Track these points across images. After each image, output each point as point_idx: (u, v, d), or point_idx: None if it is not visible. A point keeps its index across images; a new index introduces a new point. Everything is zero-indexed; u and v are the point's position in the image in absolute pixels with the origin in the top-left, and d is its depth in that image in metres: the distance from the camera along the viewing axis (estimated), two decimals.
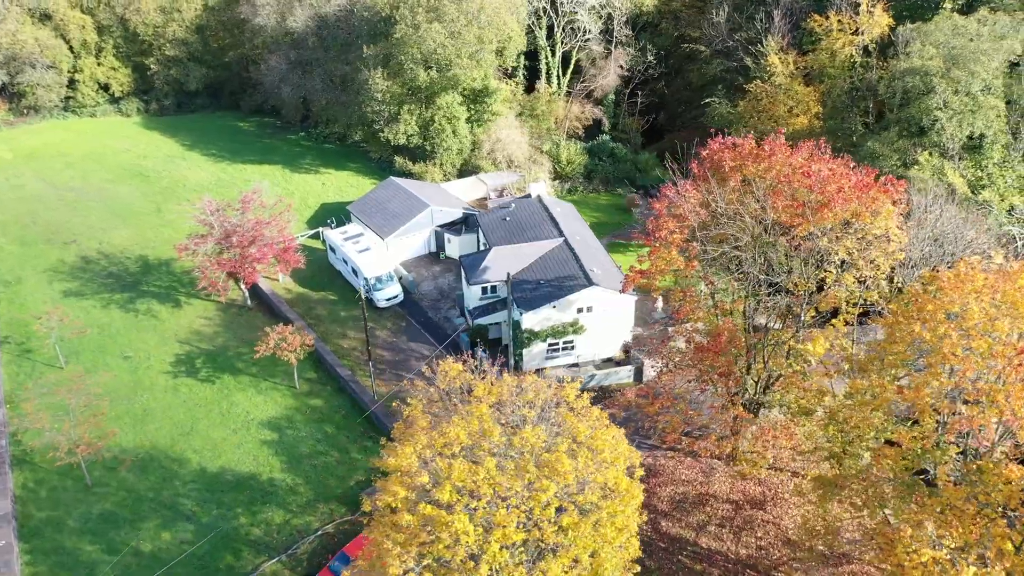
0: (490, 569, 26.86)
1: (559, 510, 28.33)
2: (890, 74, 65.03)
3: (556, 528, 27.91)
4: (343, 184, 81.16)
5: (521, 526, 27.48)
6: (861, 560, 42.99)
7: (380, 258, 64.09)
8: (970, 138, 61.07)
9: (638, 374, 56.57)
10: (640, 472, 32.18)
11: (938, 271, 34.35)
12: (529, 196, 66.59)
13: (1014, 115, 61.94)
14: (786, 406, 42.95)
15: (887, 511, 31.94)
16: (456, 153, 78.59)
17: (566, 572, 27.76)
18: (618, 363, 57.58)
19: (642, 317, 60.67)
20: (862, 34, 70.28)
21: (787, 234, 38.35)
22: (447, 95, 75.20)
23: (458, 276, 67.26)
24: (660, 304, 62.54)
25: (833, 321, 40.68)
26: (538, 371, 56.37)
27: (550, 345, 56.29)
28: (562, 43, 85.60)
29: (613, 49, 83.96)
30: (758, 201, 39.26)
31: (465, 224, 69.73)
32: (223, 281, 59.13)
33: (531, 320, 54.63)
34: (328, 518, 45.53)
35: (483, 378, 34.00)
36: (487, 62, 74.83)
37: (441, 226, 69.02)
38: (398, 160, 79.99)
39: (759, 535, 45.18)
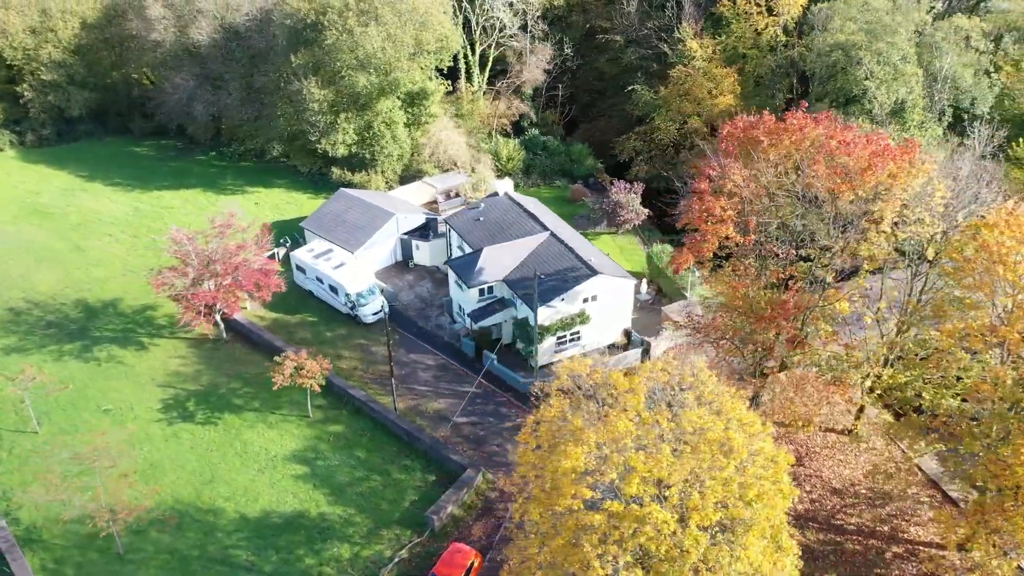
0: (698, 555, 26.89)
1: (740, 485, 28.75)
2: (816, 50, 69.82)
3: (744, 503, 28.33)
4: (278, 202, 77.06)
5: (716, 505, 27.68)
6: (904, 498, 46.36)
7: (359, 272, 61.58)
8: (895, 104, 66.77)
9: (645, 355, 57.79)
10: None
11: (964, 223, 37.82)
12: (496, 194, 66.13)
13: (928, 81, 68.35)
14: (818, 365, 45.36)
15: (985, 442, 34.69)
16: (397, 159, 76.66)
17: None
18: (622, 348, 58.56)
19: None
20: (780, 15, 74.98)
21: (830, 201, 40.48)
22: (386, 100, 73.15)
23: (438, 282, 65.88)
24: (644, 287, 64.14)
25: (855, 279, 43.67)
26: (546, 366, 56.40)
27: (558, 338, 56.41)
28: (480, 41, 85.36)
29: (529, 44, 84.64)
30: (798, 172, 41.25)
31: (428, 229, 68.30)
32: (204, 314, 54.74)
33: (542, 315, 54.46)
34: (397, 544, 43.50)
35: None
36: (426, 64, 73.46)
37: (406, 234, 67.21)
38: (335, 171, 76.95)
39: (807, 489, 47.62)
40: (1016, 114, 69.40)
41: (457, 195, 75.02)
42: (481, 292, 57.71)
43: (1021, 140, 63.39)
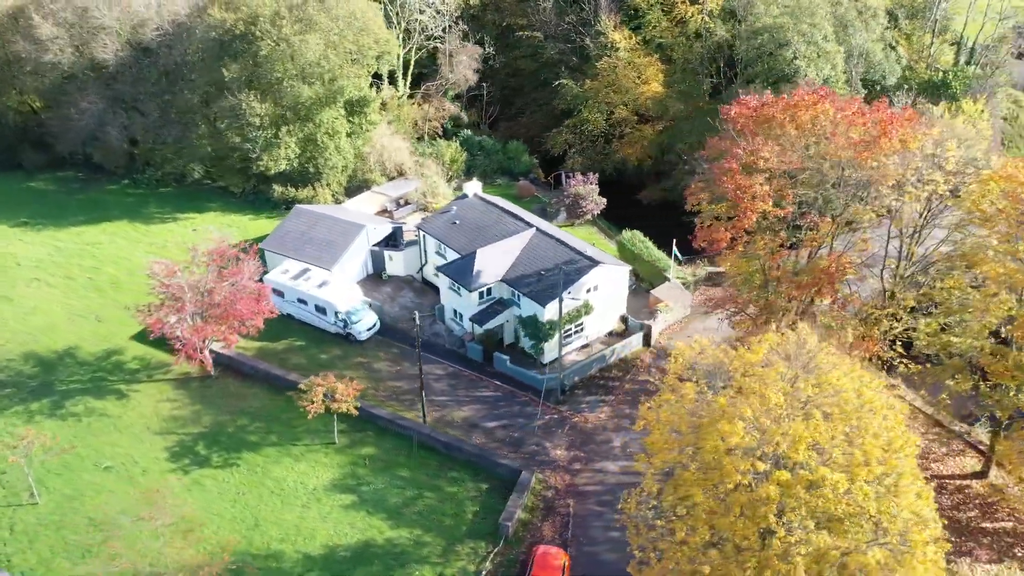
0: (875, 508, 28.10)
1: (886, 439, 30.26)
2: (744, 35, 73.75)
3: (892, 453, 29.86)
4: (217, 226, 72.11)
5: (876, 460, 29.05)
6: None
7: (346, 289, 59.09)
8: (823, 81, 71.72)
9: (647, 339, 59.10)
10: None
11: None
12: (466, 196, 65.29)
13: (843, 57, 73.89)
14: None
15: None
16: (341, 171, 73.97)
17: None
18: (620, 335, 59.59)
19: None
20: (703, 3, 78.49)
21: (854, 168, 43.14)
22: (329, 110, 70.40)
23: (417, 292, 64.31)
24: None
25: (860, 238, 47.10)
26: (553, 361, 56.56)
27: (564, 331, 56.60)
28: (402, 44, 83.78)
29: (456, 45, 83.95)
30: (818, 143, 43.67)
31: (395, 239, 66.54)
32: (202, 351, 50.80)
33: (551, 310, 54.50)
34: (476, 556, 42.33)
35: None
36: (367, 70, 71.27)
37: (376, 245, 65.14)
38: (277, 188, 73.19)
39: None
40: (919, 82, 76.40)
41: (407, 203, 73.42)
42: (481, 295, 56.95)
43: (941, 103, 70.09)
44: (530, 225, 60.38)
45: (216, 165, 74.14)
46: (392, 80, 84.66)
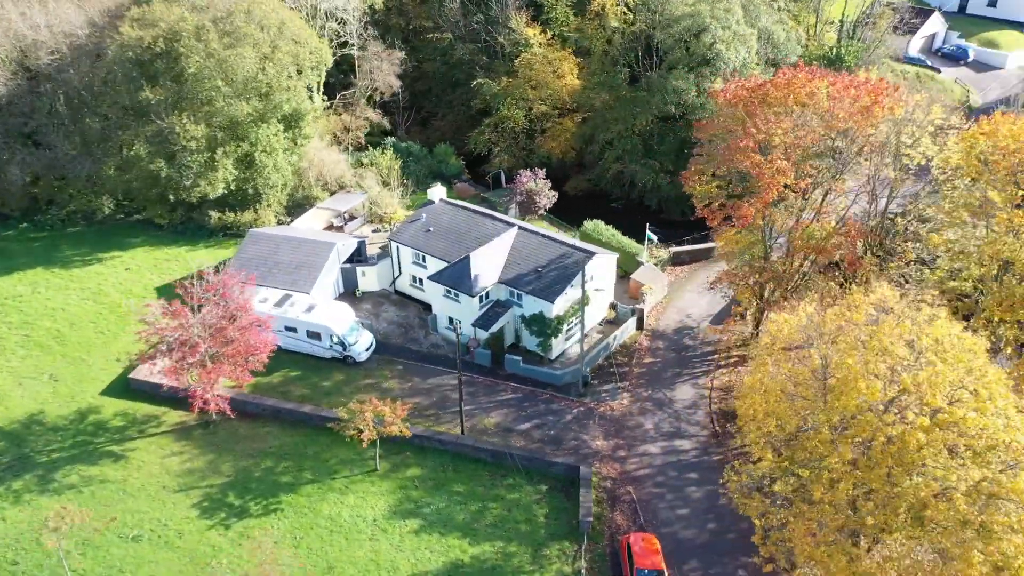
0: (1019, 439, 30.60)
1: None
2: (663, 23, 76.77)
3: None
4: (153, 262, 66.18)
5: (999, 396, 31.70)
6: None
7: (338, 311, 56.29)
8: (743, 64, 76.12)
9: (640, 323, 60.55)
10: None
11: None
12: (432, 202, 63.88)
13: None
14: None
15: None
16: (281, 189, 70.12)
17: None
18: (612, 322, 60.67)
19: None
20: None
21: (853, 136, 46.43)
22: (268, 126, 66.49)
23: (397, 305, 62.24)
24: None
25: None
26: (559, 355, 56.95)
27: (567, 324, 56.96)
28: None
29: (376, 51, 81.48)
30: (821, 116, 46.59)
31: (360, 254, 64.19)
32: (214, 392, 46.76)
33: (559, 306, 54.72)
34: (567, 557, 41.94)
35: None
36: (304, 82, 67.82)
37: (346, 262, 62.49)
38: (213, 215, 68.23)
39: None
40: (816, 58, 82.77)
41: (353, 217, 70.74)
42: (481, 299, 56.14)
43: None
44: (510, 224, 60.11)
45: (135, 197, 68.01)
46: (310, 91, 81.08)
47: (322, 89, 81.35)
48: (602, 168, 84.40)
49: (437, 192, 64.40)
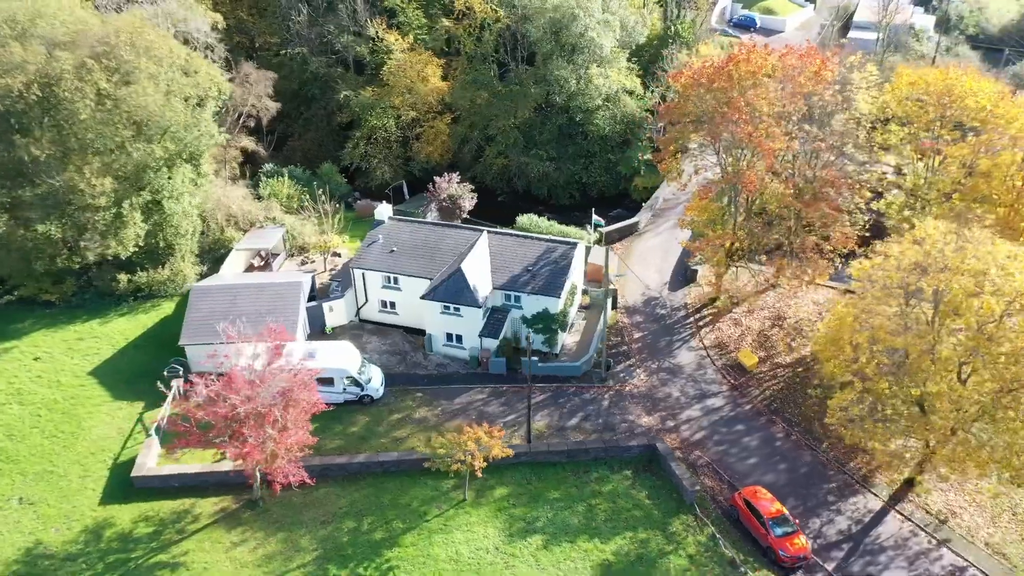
0: None
1: None
2: (533, 14, 79.00)
3: None
4: (65, 345, 56.29)
5: None
6: None
7: (340, 350, 52.39)
8: (612, 48, 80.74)
9: (615, 303, 62.93)
10: None
11: None
12: (382, 222, 61.04)
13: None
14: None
15: None
16: (191, 236, 62.91)
17: None
18: (587, 307, 62.51)
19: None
20: None
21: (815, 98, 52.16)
22: (177, 168, 59.25)
23: (373, 333, 59.02)
24: None
25: None
26: (561, 348, 57.97)
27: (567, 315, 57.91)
28: None
29: (241, 72, 74.64)
30: (780, 83, 51.81)
31: (314, 290, 60.19)
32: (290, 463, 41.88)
33: (562, 300, 55.57)
34: (693, 529, 43.56)
35: None
36: (207, 115, 60.95)
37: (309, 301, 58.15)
38: (122, 278, 59.60)
39: None
40: (658, 36, 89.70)
41: (276, 253, 65.56)
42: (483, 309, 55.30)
43: (683, 51, 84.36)
44: (477, 230, 59.51)
45: (26, 272, 57.59)
46: None
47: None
48: (485, 164, 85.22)
49: (383, 210, 61.71)
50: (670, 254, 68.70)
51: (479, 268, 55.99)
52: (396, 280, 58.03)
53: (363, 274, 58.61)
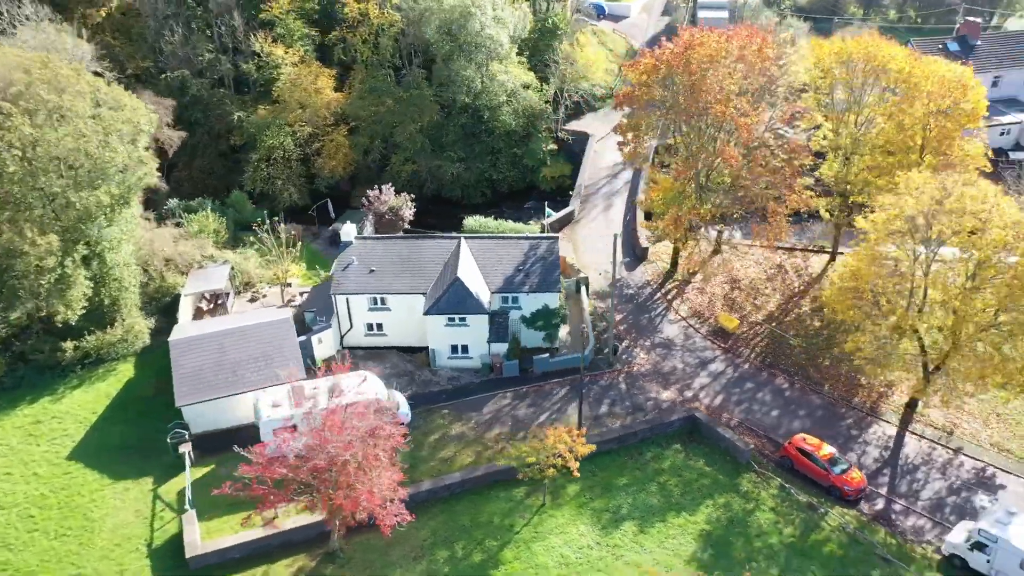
0: None
1: None
2: (431, 17, 78.05)
3: None
4: (23, 430, 49.06)
5: None
6: None
7: (364, 379, 49.76)
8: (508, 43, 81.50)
9: (584, 288, 64.35)
10: None
11: None
12: (350, 243, 58.30)
13: None
14: None
15: None
16: (134, 287, 56.69)
17: None
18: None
19: None
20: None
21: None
22: (118, 215, 53.04)
23: (366, 358, 56.41)
24: None
25: None
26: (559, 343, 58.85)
27: None
28: None
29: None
30: (734, 63, 55.65)
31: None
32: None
33: (561, 294, 56.38)
34: (761, 482, 46.31)
35: None
36: (139, 152, 54.67)
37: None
38: (67, 347, 52.70)
39: None
40: (539, 30, 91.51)
41: (226, 293, 60.82)
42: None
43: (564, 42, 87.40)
44: (451, 238, 58.72)
45: None
46: None
47: None
48: (392, 172, 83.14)
49: (348, 230, 59.07)
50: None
51: (473, 275, 55.33)
52: (383, 300, 55.96)
53: (347, 299, 55.91)
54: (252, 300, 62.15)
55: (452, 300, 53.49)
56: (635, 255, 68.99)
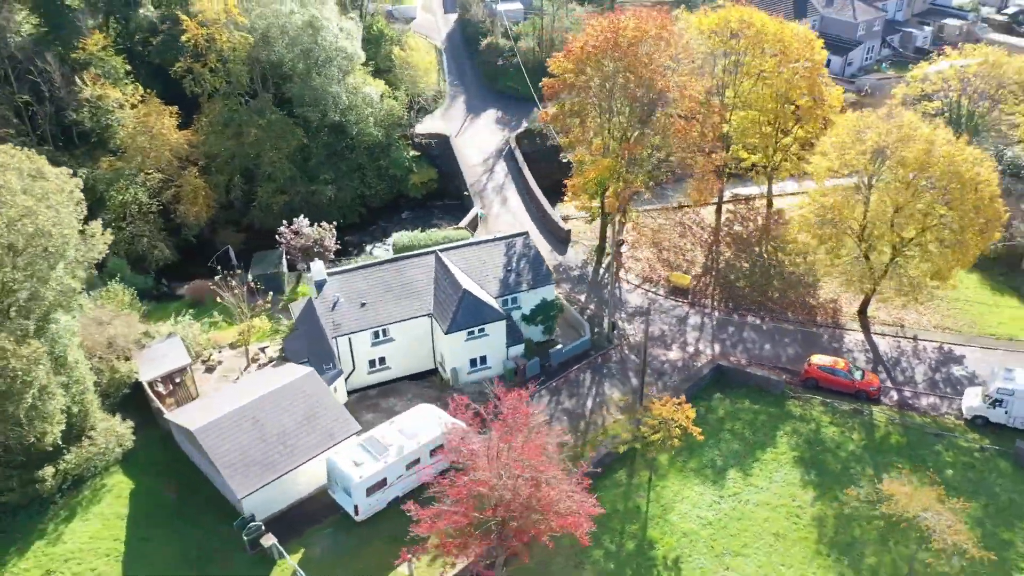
0: None
1: None
2: (281, 36, 72.84)
3: None
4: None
5: None
6: None
7: (422, 416, 46.89)
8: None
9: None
10: None
11: None
12: (324, 281, 53.51)
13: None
14: None
15: None
16: (91, 389, 47.39)
17: None
18: None
19: None
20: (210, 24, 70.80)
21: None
22: (75, 301, 43.99)
23: (395, 390, 53.11)
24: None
25: None
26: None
27: None
28: None
29: None
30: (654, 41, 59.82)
31: None
32: None
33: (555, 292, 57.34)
34: (806, 405, 51.46)
35: None
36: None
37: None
38: (45, 475, 42.89)
39: None
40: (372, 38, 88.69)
41: (181, 369, 53.23)
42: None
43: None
44: (428, 254, 56.74)
45: None
46: None
47: None
48: (260, 207, 76.71)
49: (318, 267, 54.44)
50: (526, 226, 72.58)
51: (475, 286, 54.19)
52: (386, 332, 52.77)
53: (348, 339, 51.81)
54: (209, 371, 54.81)
55: (468, 313, 51.97)
56: (559, 239, 71.05)
